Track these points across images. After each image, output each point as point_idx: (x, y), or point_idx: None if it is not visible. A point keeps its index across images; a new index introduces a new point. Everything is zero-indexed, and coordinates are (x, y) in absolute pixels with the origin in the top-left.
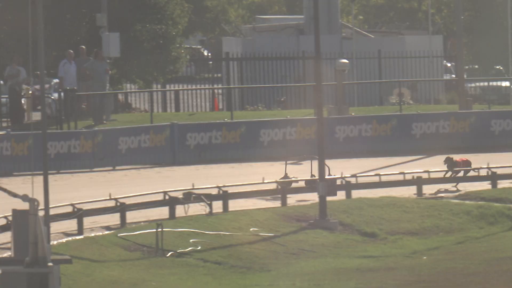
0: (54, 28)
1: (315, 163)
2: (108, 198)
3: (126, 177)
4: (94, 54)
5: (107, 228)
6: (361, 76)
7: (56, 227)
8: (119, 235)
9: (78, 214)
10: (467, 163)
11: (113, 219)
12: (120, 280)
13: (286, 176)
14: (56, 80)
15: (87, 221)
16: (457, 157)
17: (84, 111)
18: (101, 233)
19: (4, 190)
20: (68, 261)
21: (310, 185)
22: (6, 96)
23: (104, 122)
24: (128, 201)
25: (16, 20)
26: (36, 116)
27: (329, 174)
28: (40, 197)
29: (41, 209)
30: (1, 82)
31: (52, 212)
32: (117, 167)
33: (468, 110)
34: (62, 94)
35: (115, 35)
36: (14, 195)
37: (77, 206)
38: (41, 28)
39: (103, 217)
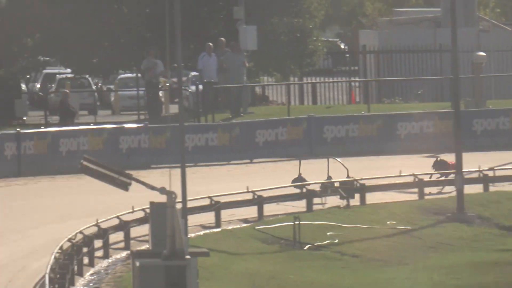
0: (191, 21)
1: (332, 163)
2: (245, 191)
3: (263, 170)
4: (231, 47)
5: (245, 221)
6: (498, 69)
7: (193, 219)
8: (256, 228)
9: (215, 206)
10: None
11: (251, 211)
12: (258, 273)
13: (300, 176)
14: (193, 73)
15: (225, 214)
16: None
17: (222, 103)
18: (238, 226)
19: (142, 182)
20: (206, 254)
21: (324, 188)
22: (144, 89)
23: (242, 115)
24: (265, 194)
25: (153, 13)
26: (174, 109)
27: (348, 176)
28: (177, 189)
29: (178, 202)
30: (139, 75)
31: (189, 204)
32: (254, 160)
33: None
34: (199, 86)
35: (252, 28)
36: (152, 187)
37: (215, 198)
38: (179, 21)
39: (241, 209)
